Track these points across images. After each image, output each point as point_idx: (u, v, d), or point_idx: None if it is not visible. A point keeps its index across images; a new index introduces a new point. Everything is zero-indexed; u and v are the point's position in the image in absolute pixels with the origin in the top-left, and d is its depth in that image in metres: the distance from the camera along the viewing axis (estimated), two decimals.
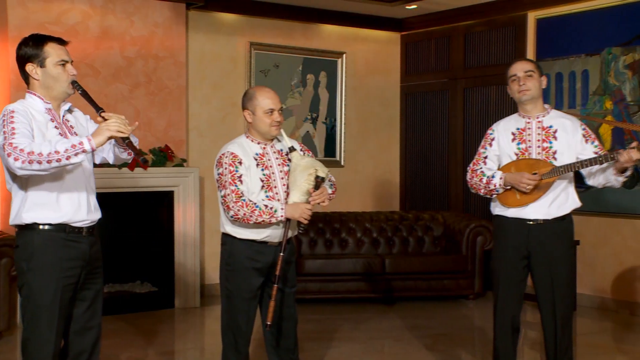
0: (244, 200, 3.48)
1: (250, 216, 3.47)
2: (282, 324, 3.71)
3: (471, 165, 4.00)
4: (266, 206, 3.49)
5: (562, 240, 3.88)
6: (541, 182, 3.79)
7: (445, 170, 7.78)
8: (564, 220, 3.89)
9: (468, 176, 3.99)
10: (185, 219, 6.47)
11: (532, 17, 6.90)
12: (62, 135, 3.07)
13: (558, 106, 6.68)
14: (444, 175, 7.79)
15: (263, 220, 3.48)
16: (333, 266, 6.68)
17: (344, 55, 7.78)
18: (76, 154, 2.86)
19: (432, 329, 5.83)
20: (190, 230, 6.49)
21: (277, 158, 3.64)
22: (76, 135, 3.13)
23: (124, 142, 3.00)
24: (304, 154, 3.68)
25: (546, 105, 4.00)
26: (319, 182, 3.49)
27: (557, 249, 3.86)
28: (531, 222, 3.85)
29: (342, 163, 7.87)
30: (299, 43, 7.50)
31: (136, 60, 6.47)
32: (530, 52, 6.89)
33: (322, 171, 3.49)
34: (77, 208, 3.11)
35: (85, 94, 3.09)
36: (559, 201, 3.86)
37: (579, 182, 4.03)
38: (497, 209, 3.97)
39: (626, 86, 6.24)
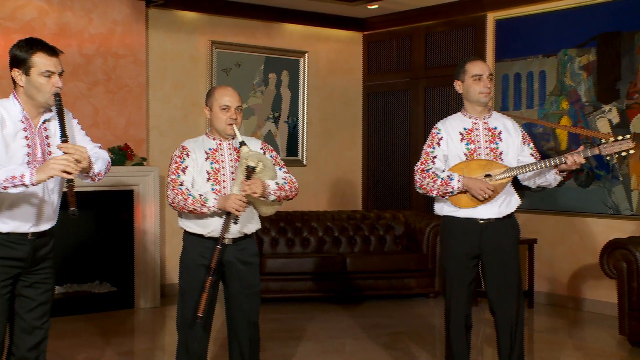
0: (180, 188, 3.54)
1: (184, 204, 3.51)
2: (236, 326, 3.70)
3: (419, 165, 3.95)
4: (200, 195, 3.52)
5: (511, 237, 3.96)
6: (495, 183, 3.84)
7: (407, 169, 7.83)
8: (511, 218, 3.98)
9: (417, 177, 3.94)
10: (145, 218, 6.42)
11: (492, 18, 6.98)
12: (29, 148, 3.04)
13: (517, 106, 6.78)
14: (406, 175, 7.83)
15: (195, 209, 3.50)
16: (294, 265, 6.68)
17: (306, 54, 7.79)
18: (14, 186, 2.84)
19: (392, 327, 5.86)
20: (150, 229, 6.44)
21: (231, 154, 3.65)
22: (49, 146, 3.10)
23: (66, 183, 2.88)
24: (265, 153, 3.68)
25: (489, 106, 4.05)
26: (249, 172, 3.49)
27: (507, 246, 3.93)
28: (483, 222, 3.89)
29: (305, 162, 7.88)
30: (261, 42, 7.49)
31: (95, 58, 6.40)
32: (490, 53, 6.98)
33: (252, 161, 3.48)
34: (28, 218, 3.07)
35: (60, 113, 3.03)
36: (507, 200, 3.94)
37: (522, 184, 4.12)
38: (446, 209, 3.97)
39: (582, 87, 6.35)
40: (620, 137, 3.68)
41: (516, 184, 4.06)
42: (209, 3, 7.09)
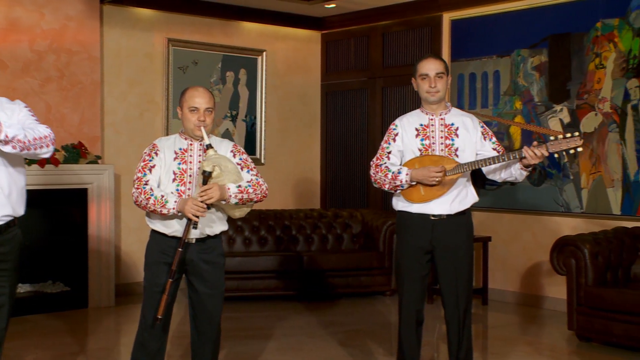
0: (144, 187, 3.53)
1: (146, 203, 3.51)
2: (202, 327, 3.69)
3: (375, 160, 4.02)
4: (162, 196, 3.51)
5: (463, 233, 3.99)
6: (445, 179, 3.87)
7: (365, 168, 7.87)
8: (464, 215, 3.99)
9: (372, 171, 4.01)
10: (99, 216, 6.35)
11: (447, 18, 7.06)
12: None
13: (472, 106, 6.86)
14: (364, 173, 7.88)
15: (155, 209, 3.50)
16: (251, 264, 6.67)
17: (264, 53, 7.78)
18: None
19: (347, 325, 5.89)
20: (105, 228, 6.37)
21: (200, 155, 3.63)
22: None
23: None
24: (234, 155, 3.66)
25: (447, 103, 4.08)
26: (205, 177, 3.47)
27: (459, 242, 3.96)
28: (435, 217, 3.93)
29: (263, 161, 7.87)
30: (218, 40, 7.46)
31: (47, 54, 6.30)
32: (445, 53, 7.05)
33: (208, 166, 3.46)
34: None
35: None
36: (461, 197, 3.96)
37: (489, 180, 4.14)
38: (400, 204, 4.02)
39: (534, 87, 6.46)
40: (569, 135, 3.68)
41: (478, 180, 4.09)
42: (164, 0, 7.04)
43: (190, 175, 3.59)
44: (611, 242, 5.36)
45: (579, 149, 3.67)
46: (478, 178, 4.55)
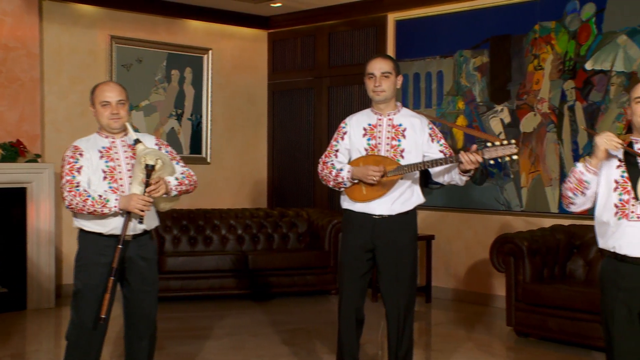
0: (78, 189, 3.47)
1: (83, 206, 3.44)
2: (137, 324, 3.65)
3: (323, 157, 4.07)
4: (100, 196, 3.46)
5: (405, 233, 4.00)
6: (386, 180, 3.89)
7: (312, 167, 7.88)
8: (408, 215, 4.00)
9: (319, 168, 4.06)
10: (39, 216, 6.23)
11: (392, 18, 7.12)
12: None
13: (416, 105, 6.93)
14: (310, 172, 7.89)
15: (95, 210, 3.44)
16: (196, 263, 6.63)
17: (210, 51, 7.73)
18: None
19: (291, 323, 5.89)
20: (44, 228, 6.25)
21: (125, 151, 3.60)
22: None
23: None
24: (160, 148, 3.63)
25: (398, 104, 4.08)
26: (149, 170, 3.45)
27: (401, 242, 3.97)
28: (376, 217, 3.95)
29: (209, 160, 7.82)
30: (162, 38, 7.39)
31: None
32: (390, 53, 7.10)
33: (151, 159, 3.44)
34: None
35: None
36: (404, 198, 3.97)
37: (433, 180, 4.16)
38: (345, 203, 4.05)
39: (476, 87, 6.56)
40: (505, 142, 3.67)
41: (422, 180, 4.12)
42: None
43: (120, 172, 3.55)
44: (548, 240, 5.48)
45: (515, 157, 3.66)
46: (421, 178, 4.58)
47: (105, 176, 3.53)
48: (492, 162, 3.71)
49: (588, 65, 5.87)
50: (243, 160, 8.12)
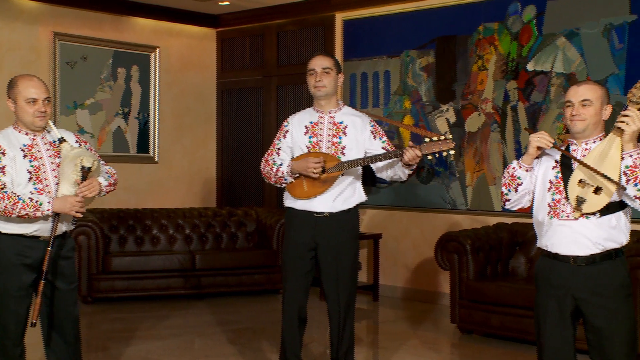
0: (5, 192, 3.33)
1: (13, 209, 3.31)
2: (61, 324, 3.57)
3: (265, 155, 4.10)
4: (31, 199, 3.35)
5: (346, 231, 4.02)
6: (327, 176, 3.91)
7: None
8: (349, 213, 4.03)
9: (261, 165, 4.09)
10: None
11: (340, 18, 7.15)
12: None
13: (364, 105, 6.98)
14: (259, 171, 7.84)
15: (27, 214, 3.34)
16: (142, 263, 6.56)
17: (158, 49, 7.66)
18: None
19: (238, 323, 5.88)
20: None
21: (47, 149, 3.49)
22: None
23: None
24: (80, 146, 3.56)
25: (339, 102, 4.12)
26: (85, 172, 3.39)
27: (341, 240, 4.00)
28: (318, 215, 3.97)
29: (156, 159, 7.75)
30: (108, 35, 7.29)
31: None
32: (338, 52, 7.14)
33: (87, 161, 3.39)
34: None
35: None
36: (345, 195, 4.00)
37: (380, 179, 4.19)
38: (287, 200, 4.07)
39: (422, 87, 6.63)
40: (442, 137, 3.73)
41: (369, 179, 4.14)
42: None
43: (44, 172, 3.44)
44: (491, 238, 5.58)
45: (451, 152, 3.72)
46: (369, 177, 4.61)
47: (31, 177, 3.40)
48: (429, 157, 3.75)
49: (530, 66, 5.99)
50: (192, 159, 8.06)
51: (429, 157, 3.77)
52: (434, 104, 6.56)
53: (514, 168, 3.16)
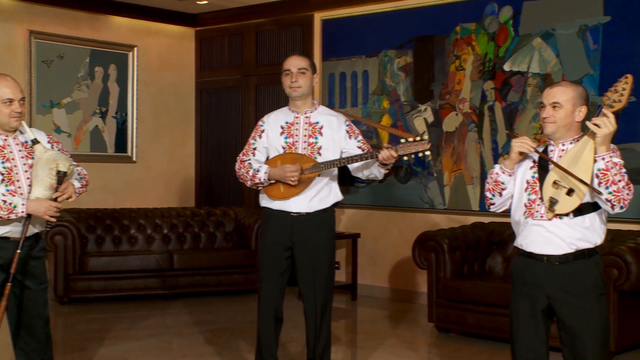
0: None
1: None
2: (31, 324, 3.53)
3: (240, 155, 4.07)
4: (4, 202, 3.31)
5: (322, 231, 4.02)
6: (303, 177, 3.91)
7: None
8: (325, 212, 4.03)
9: (237, 166, 4.06)
10: None
11: (318, 18, 7.16)
12: None
13: (342, 105, 6.99)
14: None
15: (1, 216, 3.31)
16: (119, 263, 6.53)
17: (135, 48, 7.61)
18: None
19: (216, 323, 5.87)
20: None
21: (20, 150, 3.46)
22: None
23: None
24: (52, 146, 3.54)
25: (315, 102, 4.12)
26: (60, 176, 3.37)
27: (318, 240, 4.00)
28: (294, 214, 3.97)
29: (134, 159, 7.70)
30: (85, 34, 7.24)
31: None
32: (317, 52, 7.15)
33: (64, 165, 3.36)
34: None
35: None
36: (321, 195, 4.00)
37: (358, 178, 4.19)
38: (264, 201, 4.07)
39: (400, 87, 6.66)
40: (418, 138, 3.75)
41: (347, 179, 4.14)
42: None
43: (17, 174, 3.41)
44: (469, 237, 5.61)
45: (427, 153, 3.74)
46: (347, 177, 4.61)
47: (3, 179, 3.37)
48: (406, 157, 3.77)
49: (506, 67, 6.04)
50: (170, 159, 8.03)
51: (405, 157, 3.78)
52: (412, 104, 6.59)
53: (497, 173, 3.17)
